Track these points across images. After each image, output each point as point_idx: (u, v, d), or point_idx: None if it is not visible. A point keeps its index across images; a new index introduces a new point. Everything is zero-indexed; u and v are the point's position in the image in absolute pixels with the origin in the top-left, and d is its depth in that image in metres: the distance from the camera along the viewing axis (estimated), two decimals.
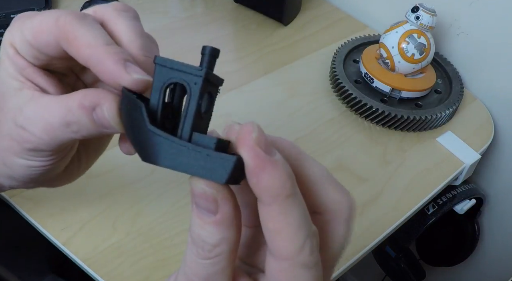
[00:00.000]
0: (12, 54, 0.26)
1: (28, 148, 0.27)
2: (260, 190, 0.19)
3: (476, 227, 0.83)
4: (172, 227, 0.51)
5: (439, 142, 0.65)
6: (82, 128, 0.25)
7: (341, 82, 0.66)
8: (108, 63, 0.24)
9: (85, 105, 0.24)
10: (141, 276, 0.47)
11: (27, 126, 0.26)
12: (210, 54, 0.22)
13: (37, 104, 0.26)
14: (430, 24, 0.62)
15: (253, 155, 0.19)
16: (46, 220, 0.50)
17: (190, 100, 0.21)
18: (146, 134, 0.21)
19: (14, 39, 0.26)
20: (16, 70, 0.26)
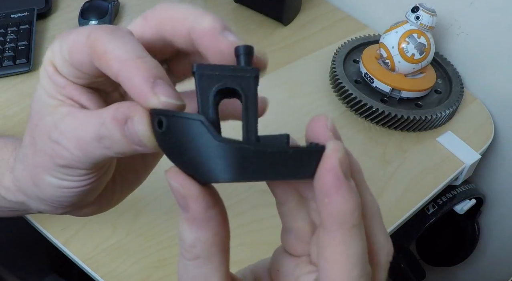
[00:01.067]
0: (51, 73, 0.26)
1: (60, 164, 0.26)
2: (328, 213, 0.19)
3: (476, 227, 0.83)
4: (172, 227, 0.51)
5: (439, 141, 0.65)
6: (114, 143, 0.23)
7: (341, 82, 0.66)
8: (136, 80, 0.21)
9: (118, 118, 0.23)
10: (141, 276, 0.47)
11: (61, 140, 0.25)
12: (245, 53, 0.21)
13: (73, 119, 0.25)
14: (430, 24, 0.62)
15: (333, 175, 0.19)
16: (46, 220, 0.50)
17: (248, 103, 0.20)
18: (211, 150, 0.19)
19: (54, 57, 0.25)
20: (55, 89, 0.26)
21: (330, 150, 0.19)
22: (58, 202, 0.28)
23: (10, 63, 0.65)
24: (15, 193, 0.30)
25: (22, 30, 0.69)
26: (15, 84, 0.65)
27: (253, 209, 0.52)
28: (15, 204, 0.31)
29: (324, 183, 0.19)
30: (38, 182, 0.27)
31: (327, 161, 0.19)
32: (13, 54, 0.66)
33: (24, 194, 0.29)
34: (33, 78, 0.66)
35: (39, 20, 0.74)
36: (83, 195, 0.28)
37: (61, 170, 0.26)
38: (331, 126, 0.21)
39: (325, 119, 0.21)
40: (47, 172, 0.26)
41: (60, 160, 0.25)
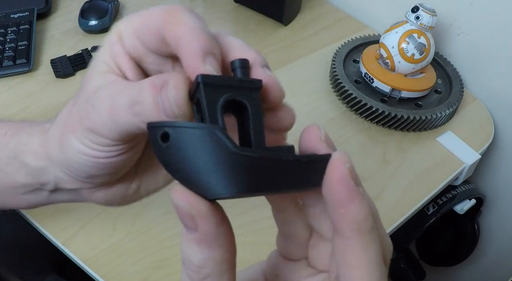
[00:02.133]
0: (113, 40, 0.26)
1: (86, 126, 0.26)
2: (345, 222, 0.19)
3: (476, 227, 0.83)
4: (172, 227, 0.51)
5: (439, 141, 0.65)
6: (144, 110, 0.23)
7: (341, 82, 0.66)
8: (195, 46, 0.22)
9: (155, 84, 0.23)
10: (141, 276, 0.47)
11: (95, 103, 0.25)
12: (241, 66, 0.21)
13: (113, 85, 0.25)
14: (430, 24, 0.62)
15: (346, 185, 0.19)
16: (46, 220, 0.50)
17: (254, 115, 0.20)
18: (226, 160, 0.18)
19: (121, 26, 0.26)
20: (110, 56, 0.26)
21: (338, 160, 0.19)
22: (76, 170, 0.28)
23: (10, 63, 0.65)
24: (39, 156, 0.30)
25: (22, 30, 0.69)
26: (15, 84, 0.65)
27: (253, 209, 0.52)
28: (35, 172, 0.31)
29: (337, 194, 0.19)
30: (63, 142, 0.28)
31: (336, 172, 0.19)
32: (13, 54, 0.66)
33: (48, 157, 0.30)
34: (33, 78, 0.66)
35: (39, 20, 0.74)
36: (101, 169, 0.28)
37: (86, 133, 0.26)
38: (325, 137, 0.21)
39: (318, 130, 0.21)
40: (73, 133, 0.27)
41: (88, 122, 0.25)
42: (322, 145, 0.20)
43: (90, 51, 0.71)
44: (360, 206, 0.19)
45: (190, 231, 0.19)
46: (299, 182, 0.19)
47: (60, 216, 0.50)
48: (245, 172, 0.18)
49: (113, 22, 0.75)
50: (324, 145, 0.20)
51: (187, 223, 0.19)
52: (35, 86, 0.65)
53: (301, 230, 0.23)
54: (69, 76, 0.67)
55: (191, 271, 0.20)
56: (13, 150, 0.31)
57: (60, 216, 0.50)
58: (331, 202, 0.19)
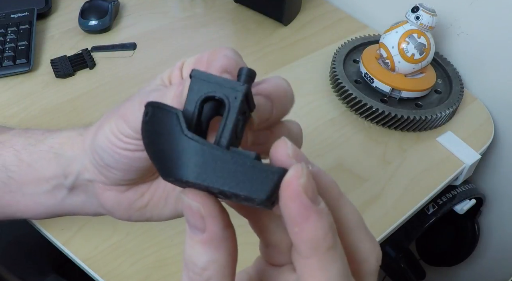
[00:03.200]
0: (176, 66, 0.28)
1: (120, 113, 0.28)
2: (301, 241, 0.18)
3: (476, 227, 0.83)
4: (172, 227, 0.51)
5: (439, 141, 0.65)
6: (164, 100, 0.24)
7: (341, 82, 0.66)
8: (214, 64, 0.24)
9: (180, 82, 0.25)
10: (141, 276, 0.47)
11: (136, 96, 0.27)
12: (246, 74, 0.21)
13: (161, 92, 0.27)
14: (430, 24, 0.62)
15: (299, 203, 0.18)
16: (46, 220, 0.50)
17: (229, 115, 0.20)
18: (178, 142, 0.19)
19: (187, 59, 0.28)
20: (168, 76, 0.28)
21: (291, 176, 0.18)
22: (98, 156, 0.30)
23: (10, 63, 0.65)
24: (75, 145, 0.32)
25: (22, 30, 0.69)
26: (15, 84, 0.65)
27: None
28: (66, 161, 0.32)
29: (290, 212, 0.18)
30: (99, 129, 0.29)
31: (290, 189, 0.18)
32: (13, 54, 0.66)
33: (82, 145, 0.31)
34: (33, 78, 0.66)
35: (39, 20, 0.74)
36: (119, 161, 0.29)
37: (117, 120, 0.28)
38: (293, 152, 0.20)
39: (285, 145, 0.20)
40: (108, 121, 0.28)
41: (122, 109, 0.28)
42: (291, 161, 0.19)
43: (90, 51, 0.71)
44: (316, 224, 0.18)
45: (196, 232, 0.19)
46: (247, 187, 0.19)
47: (61, 217, 0.50)
48: (191, 157, 0.19)
49: (113, 22, 0.75)
50: (293, 161, 0.19)
51: (196, 223, 0.19)
52: (35, 86, 0.65)
53: (281, 237, 0.23)
54: (69, 76, 0.67)
55: (193, 273, 0.20)
56: (49, 144, 0.33)
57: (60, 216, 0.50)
58: (286, 219, 0.18)
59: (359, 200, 0.57)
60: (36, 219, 0.36)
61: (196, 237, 0.19)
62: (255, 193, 0.18)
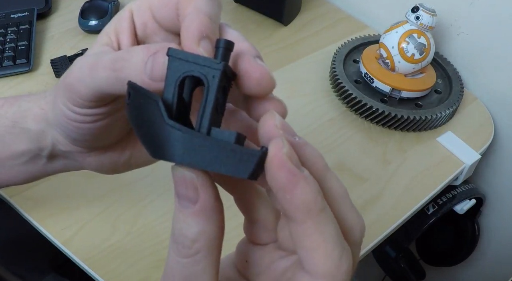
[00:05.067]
0: (123, 16, 0.27)
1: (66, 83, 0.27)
2: (294, 207, 0.19)
3: (476, 227, 0.83)
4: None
5: (439, 141, 0.65)
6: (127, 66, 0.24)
7: (341, 82, 0.66)
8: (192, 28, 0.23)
9: (150, 48, 0.24)
10: (141, 276, 0.47)
11: (80, 61, 0.26)
12: (224, 47, 0.21)
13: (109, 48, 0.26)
14: (430, 24, 0.62)
15: (287, 171, 0.19)
16: (46, 220, 0.50)
17: (208, 94, 0.21)
18: (162, 129, 0.20)
19: (136, 3, 0.27)
20: (114, 30, 0.27)
21: (274, 148, 0.19)
22: (63, 132, 0.30)
23: (10, 63, 0.65)
24: (39, 118, 0.31)
25: (22, 30, 0.69)
26: (15, 84, 0.65)
27: None
28: (35, 136, 0.32)
29: (280, 181, 0.19)
30: (54, 104, 0.29)
31: (275, 159, 0.19)
32: (13, 54, 0.66)
33: (46, 119, 0.31)
34: (33, 78, 0.66)
35: (39, 20, 0.74)
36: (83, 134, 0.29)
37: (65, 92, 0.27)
38: (280, 123, 0.20)
39: (273, 117, 0.21)
40: (58, 95, 0.28)
41: (68, 78, 0.26)
42: (278, 131, 0.20)
43: None
44: (305, 189, 0.19)
45: (188, 205, 0.20)
46: (226, 167, 0.19)
47: (60, 216, 0.50)
48: (172, 143, 0.20)
49: None
50: (280, 131, 0.20)
51: (189, 193, 0.20)
52: (35, 86, 0.65)
53: (266, 213, 0.23)
54: None
55: (182, 246, 0.20)
56: (11, 119, 0.32)
57: (60, 216, 0.50)
58: (276, 190, 0.19)
59: (359, 200, 0.57)
60: (21, 184, 0.35)
61: (187, 210, 0.20)
62: (237, 173, 0.19)
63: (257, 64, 0.23)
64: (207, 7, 0.24)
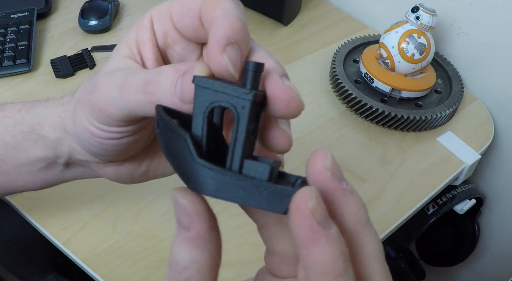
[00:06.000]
0: (144, 25, 0.26)
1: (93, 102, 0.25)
2: (308, 265, 0.17)
3: (476, 227, 0.83)
4: (172, 227, 0.51)
5: (439, 141, 0.65)
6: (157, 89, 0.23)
7: (341, 82, 0.66)
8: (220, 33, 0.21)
9: (178, 68, 0.22)
10: (141, 276, 0.47)
11: (107, 79, 0.25)
12: (254, 70, 0.20)
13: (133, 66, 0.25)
14: (430, 24, 0.62)
15: (307, 226, 0.17)
16: (46, 220, 0.50)
17: (239, 126, 0.19)
18: (193, 166, 0.20)
19: (156, 10, 0.25)
20: (135, 41, 0.26)
21: (299, 199, 0.17)
22: (84, 146, 0.29)
23: (10, 63, 0.65)
24: (57, 127, 0.30)
25: (22, 30, 0.69)
26: (15, 84, 0.65)
27: None
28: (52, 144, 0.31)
29: (299, 234, 0.17)
30: (75, 117, 0.28)
31: (297, 212, 0.17)
32: (13, 54, 0.66)
33: (64, 128, 0.30)
34: (33, 78, 0.66)
35: (39, 20, 0.74)
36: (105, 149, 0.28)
37: (92, 111, 0.26)
38: (331, 165, 0.19)
39: (324, 156, 0.19)
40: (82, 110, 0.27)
41: (95, 97, 0.25)
42: (326, 174, 0.19)
43: (90, 51, 0.70)
44: (325, 249, 0.17)
45: (182, 230, 0.20)
46: (259, 203, 0.19)
47: (60, 216, 0.50)
48: (204, 180, 0.19)
49: (113, 22, 0.75)
50: (328, 174, 0.19)
51: (183, 220, 0.20)
52: (35, 86, 0.65)
53: (287, 247, 0.22)
54: (69, 76, 0.67)
55: (174, 271, 0.20)
56: (28, 125, 0.32)
57: (60, 216, 0.50)
58: (295, 239, 0.17)
59: None
60: (38, 190, 0.35)
61: (181, 235, 0.20)
62: (271, 209, 0.19)
63: (285, 86, 0.22)
64: (237, 10, 0.23)
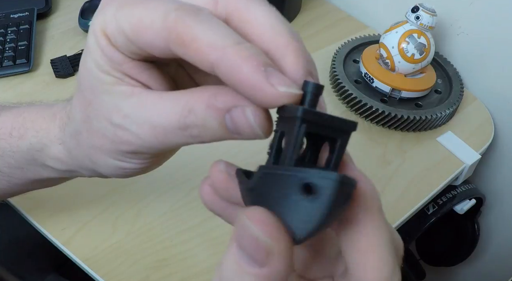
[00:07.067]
0: (104, 46, 0.22)
1: (126, 150, 0.23)
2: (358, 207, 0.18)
3: (476, 227, 0.83)
4: (172, 227, 0.51)
5: (439, 141, 0.65)
6: (206, 132, 0.20)
7: (341, 82, 0.66)
8: (245, 69, 0.18)
9: (217, 107, 0.20)
10: (141, 276, 0.47)
11: (129, 126, 0.22)
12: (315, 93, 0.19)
13: (141, 103, 0.22)
14: (430, 24, 0.62)
15: None
16: (46, 220, 0.50)
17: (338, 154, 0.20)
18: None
19: (107, 27, 0.21)
20: (110, 65, 0.22)
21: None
22: (113, 175, 0.28)
23: (10, 63, 0.65)
24: (66, 162, 0.29)
25: (22, 30, 0.69)
26: (15, 84, 0.65)
27: None
28: (65, 172, 0.30)
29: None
30: (97, 161, 0.26)
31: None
32: (13, 54, 0.66)
33: (77, 165, 0.28)
34: (33, 78, 0.66)
35: (39, 20, 0.74)
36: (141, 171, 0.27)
37: (126, 154, 0.24)
38: None
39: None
40: (108, 155, 0.25)
41: (127, 146, 0.23)
42: None
43: None
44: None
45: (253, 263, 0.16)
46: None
47: (60, 216, 0.50)
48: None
49: None
50: None
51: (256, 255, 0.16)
52: (35, 86, 0.65)
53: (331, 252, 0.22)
54: (69, 76, 0.67)
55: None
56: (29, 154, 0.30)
57: (60, 216, 0.50)
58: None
59: None
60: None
61: (249, 268, 0.16)
62: None
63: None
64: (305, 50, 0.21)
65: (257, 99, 0.18)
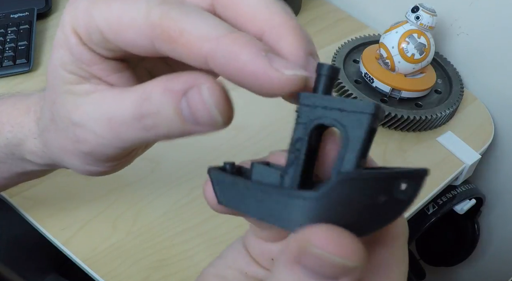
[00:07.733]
0: (73, 45, 0.20)
1: (85, 151, 0.22)
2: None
3: (476, 227, 0.83)
4: (172, 227, 0.51)
5: (439, 141, 0.65)
6: (160, 122, 0.18)
7: (341, 82, 0.66)
8: (244, 57, 0.16)
9: (173, 89, 0.18)
10: (141, 276, 0.47)
11: (85, 122, 0.21)
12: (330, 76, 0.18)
13: (101, 98, 0.20)
14: (430, 24, 0.62)
15: None
16: (46, 220, 0.50)
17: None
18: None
19: (79, 24, 0.19)
20: (76, 64, 0.21)
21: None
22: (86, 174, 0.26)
23: (10, 63, 0.65)
24: (42, 157, 0.28)
25: (22, 30, 0.69)
26: (15, 84, 0.65)
27: None
28: (45, 166, 0.30)
29: None
30: (64, 160, 0.25)
31: None
32: (13, 54, 0.66)
33: (53, 160, 0.27)
34: (33, 78, 0.66)
35: (39, 20, 0.74)
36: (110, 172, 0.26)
37: (87, 156, 0.23)
38: None
39: None
40: (72, 156, 0.23)
41: (85, 146, 0.22)
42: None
43: None
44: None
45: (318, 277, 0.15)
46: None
47: (60, 216, 0.50)
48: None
49: None
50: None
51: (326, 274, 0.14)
52: (35, 86, 0.65)
53: None
54: None
55: None
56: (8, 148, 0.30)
57: (60, 216, 0.50)
58: None
59: None
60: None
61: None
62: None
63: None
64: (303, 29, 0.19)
65: (263, 87, 0.17)
